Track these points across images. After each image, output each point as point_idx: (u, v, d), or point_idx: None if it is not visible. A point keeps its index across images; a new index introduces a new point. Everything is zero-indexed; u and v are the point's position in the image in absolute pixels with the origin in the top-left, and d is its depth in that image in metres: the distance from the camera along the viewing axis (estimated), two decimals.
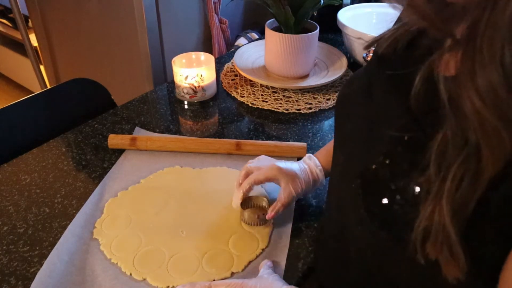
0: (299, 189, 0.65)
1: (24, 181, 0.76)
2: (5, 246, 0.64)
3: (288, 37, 0.98)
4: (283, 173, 0.64)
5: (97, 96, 1.02)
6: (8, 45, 2.29)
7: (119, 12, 1.31)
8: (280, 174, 0.64)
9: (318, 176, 0.68)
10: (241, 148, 0.82)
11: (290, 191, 0.64)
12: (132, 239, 0.65)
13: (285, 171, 0.65)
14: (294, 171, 0.66)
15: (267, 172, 0.65)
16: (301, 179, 0.65)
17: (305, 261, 0.63)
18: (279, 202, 0.64)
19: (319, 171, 0.68)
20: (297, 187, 0.64)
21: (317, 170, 0.68)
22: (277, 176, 0.64)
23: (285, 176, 0.65)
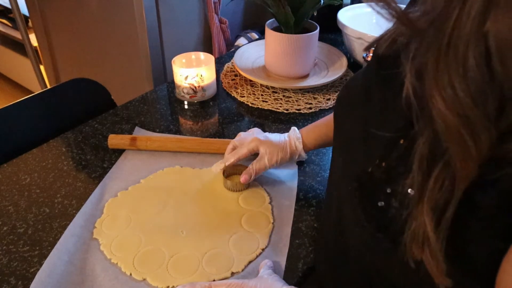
0: (273, 160, 0.72)
1: (24, 181, 0.76)
2: (5, 246, 0.64)
3: (288, 37, 0.98)
4: (262, 144, 0.72)
5: (97, 96, 1.02)
6: (8, 45, 2.29)
7: (119, 12, 1.31)
8: (260, 145, 0.72)
9: (296, 148, 0.74)
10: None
11: (264, 161, 0.72)
12: (132, 239, 0.65)
13: (264, 143, 0.73)
14: (273, 142, 0.73)
15: (249, 145, 0.73)
16: (278, 150, 0.72)
17: (305, 261, 0.63)
18: (252, 166, 0.72)
19: (298, 143, 0.73)
20: (271, 159, 0.72)
21: (296, 143, 0.73)
22: (258, 146, 0.72)
23: (263, 147, 0.72)
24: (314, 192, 0.75)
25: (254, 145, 0.73)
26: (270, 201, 0.72)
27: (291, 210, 0.71)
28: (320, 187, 0.76)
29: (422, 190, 0.35)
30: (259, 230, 0.66)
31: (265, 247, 0.64)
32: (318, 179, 0.78)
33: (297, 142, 0.73)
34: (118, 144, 0.83)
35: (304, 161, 0.81)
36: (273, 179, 0.77)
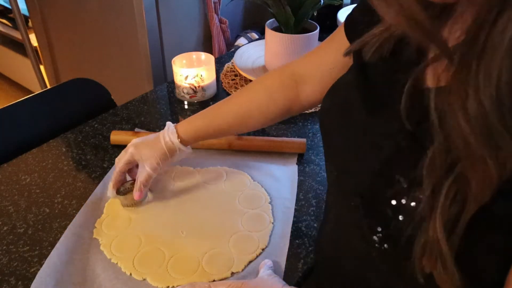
0: (154, 166, 0.66)
1: (24, 181, 0.76)
2: (5, 246, 0.64)
3: (288, 37, 0.98)
4: (137, 150, 0.66)
5: (97, 96, 1.02)
6: (8, 45, 2.29)
7: (119, 12, 1.31)
8: (135, 152, 0.66)
9: (173, 143, 0.66)
10: (242, 139, 0.82)
11: (145, 170, 0.66)
12: (132, 239, 0.65)
13: (139, 147, 0.67)
14: (149, 147, 0.66)
15: (125, 157, 0.67)
16: (156, 153, 0.66)
17: (305, 261, 0.63)
18: (138, 180, 0.66)
19: (173, 138, 0.66)
20: (152, 164, 0.65)
21: (171, 139, 0.66)
22: (134, 156, 0.66)
23: (139, 154, 0.66)
24: (314, 192, 0.75)
25: (129, 155, 0.66)
26: (270, 201, 0.72)
27: (291, 210, 0.71)
28: (320, 187, 0.76)
29: (433, 203, 0.34)
30: (259, 230, 0.66)
31: (265, 247, 0.64)
32: (318, 179, 0.78)
33: (171, 136, 0.66)
34: (120, 140, 0.83)
35: (304, 161, 0.81)
36: (273, 179, 0.77)
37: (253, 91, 0.67)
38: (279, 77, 0.66)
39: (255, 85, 0.68)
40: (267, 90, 0.66)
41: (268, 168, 0.79)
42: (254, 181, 0.76)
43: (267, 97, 0.66)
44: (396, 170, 0.38)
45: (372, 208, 0.41)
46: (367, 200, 0.42)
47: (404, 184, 0.37)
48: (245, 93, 0.68)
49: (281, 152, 0.83)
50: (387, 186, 0.39)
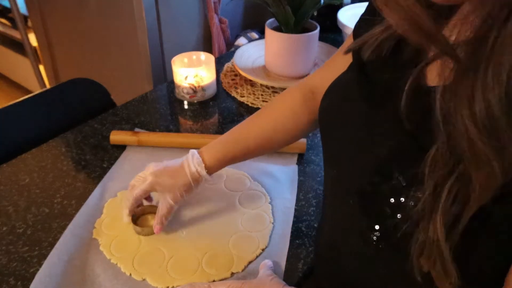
0: (177, 197, 0.61)
1: (24, 181, 0.76)
2: (5, 246, 0.64)
3: (288, 37, 0.98)
4: (158, 180, 0.61)
5: (97, 96, 1.02)
6: (7, 45, 2.29)
7: (119, 12, 1.31)
8: (155, 182, 0.61)
9: (199, 174, 0.61)
10: None
11: (167, 203, 0.61)
12: (132, 239, 0.64)
13: (160, 176, 0.61)
14: (171, 176, 0.61)
15: (144, 186, 0.62)
16: (179, 184, 0.61)
17: (305, 261, 0.62)
18: (160, 213, 0.62)
19: (200, 169, 0.61)
20: (175, 196, 0.61)
21: (198, 169, 0.61)
22: (154, 185, 0.61)
23: (161, 186, 0.61)
24: (314, 192, 0.75)
25: (149, 184, 0.61)
26: (270, 201, 0.72)
27: (291, 210, 0.71)
28: (320, 187, 0.76)
29: (433, 203, 0.33)
30: (259, 230, 0.66)
31: (265, 247, 0.64)
32: (318, 179, 0.77)
33: (198, 168, 0.61)
34: (120, 140, 0.83)
35: (304, 161, 0.81)
36: (273, 179, 0.77)
37: (275, 109, 0.65)
38: (299, 93, 0.64)
39: (276, 104, 0.66)
40: (290, 107, 0.64)
41: (268, 168, 0.79)
42: (254, 181, 0.76)
43: (291, 113, 0.64)
44: (395, 168, 0.38)
45: (370, 206, 0.41)
46: (365, 198, 0.42)
47: (403, 182, 0.37)
48: (268, 112, 0.65)
49: (281, 152, 0.83)
50: (385, 185, 0.39)
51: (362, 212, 0.42)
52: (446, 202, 0.33)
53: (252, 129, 0.64)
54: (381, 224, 0.40)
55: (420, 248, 0.36)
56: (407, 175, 0.37)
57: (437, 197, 0.33)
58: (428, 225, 0.34)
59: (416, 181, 0.35)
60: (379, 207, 0.39)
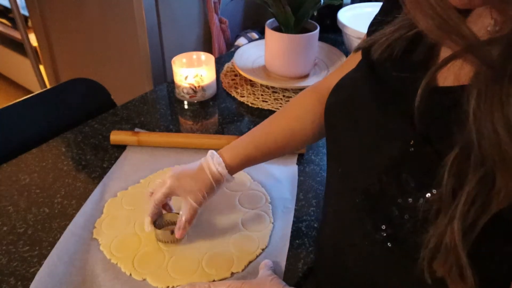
0: (200, 199, 0.60)
1: (24, 181, 0.76)
2: (5, 246, 0.64)
3: (288, 37, 0.98)
4: (178, 183, 0.60)
5: (97, 96, 1.02)
6: (8, 45, 2.29)
7: (119, 12, 1.31)
8: (176, 185, 0.60)
9: (221, 174, 0.60)
10: None
11: (190, 205, 0.59)
12: (132, 239, 0.64)
13: (180, 179, 0.60)
14: (192, 178, 0.60)
15: (164, 190, 0.60)
16: (201, 186, 0.60)
17: (305, 261, 0.62)
18: (183, 218, 0.60)
19: (221, 169, 0.60)
20: (197, 198, 0.59)
21: (218, 169, 0.60)
22: (175, 190, 0.60)
23: (181, 188, 0.60)
24: (314, 192, 0.75)
25: (169, 187, 0.60)
26: (270, 201, 0.72)
27: (291, 210, 0.71)
28: (320, 187, 0.76)
29: (452, 207, 0.33)
30: (259, 230, 0.66)
31: (265, 247, 0.64)
32: (318, 179, 0.78)
33: (219, 168, 0.60)
34: (120, 140, 0.83)
35: (304, 161, 0.81)
36: (273, 179, 0.77)
37: (293, 112, 0.65)
38: (314, 95, 0.64)
39: (293, 106, 0.66)
40: (307, 110, 0.64)
41: (268, 168, 0.79)
42: (254, 181, 0.76)
43: (308, 116, 0.63)
44: (403, 168, 0.38)
45: (377, 206, 0.41)
46: (372, 198, 0.41)
47: (411, 183, 0.37)
48: (286, 115, 0.65)
49: None
50: (393, 185, 0.38)
51: (368, 212, 0.42)
52: (464, 206, 0.32)
53: (271, 131, 0.64)
54: (387, 224, 0.39)
55: (432, 253, 0.35)
56: (416, 176, 0.37)
57: (456, 201, 0.33)
58: (445, 229, 0.34)
59: (426, 182, 0.35)
60: (386, 207, 0.39)
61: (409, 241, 0.37)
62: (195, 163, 0.62)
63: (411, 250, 0.37)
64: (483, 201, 0.32)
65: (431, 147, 0.36)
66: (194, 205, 0.59)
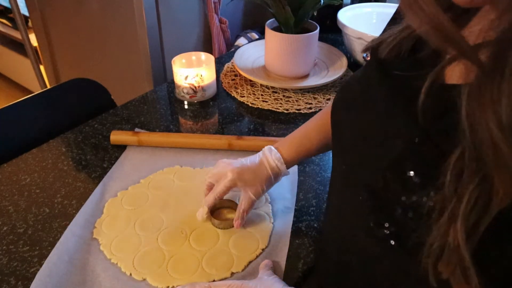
0: (259, 192, 0.64)
1: (24, 181, 0.76)
2: (5, 246, 0.64)
3: (288, 37, 0.98)
4: (239, 176, 0.63)
5: (97, 96, 1.02)
6: (8, 45, 2.29)
7: (119, 12, 1.31)
8: (237, 179, 0.63)
9: (279, 168, 0.64)
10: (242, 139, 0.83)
11: (249, 197, 0.63)
12: (132, 239, 0.64)
13: (241, 173, 0.63)
14: (252, 172, 0.64)
15: (225, 181, 0.63)
16: (260, 179, 0.63)
17: (305, 261, 0.63)
18: (241, 208, 0.64)
19: (280, 164, 0.64)
20: (257, 190, 0.63)
21: (277, 164, 0.64)
22: (236, 181, 0.63)
23: (242, 181, 0.63)
24: (314, 192, 0.75)
25: (231, 181, 0.63)
26: (270, 201, 0.72)
27: (291, 210, 0.71)
28: (320, 187, 0.76)
29: (455, 207, 0.33)
30: (259, 230, 0.66)
31: (265, 247, 0.64)
32: (318, 179, 0.78)
33: (278, 163, 0.64)
34: (120, 140, 0.83)
35: (304, 161, 0.81)
36: None
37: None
38: None
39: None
40: None
41: None
42: None
43: None
44: (408, 166, 0.38)
45: (381, 203, 0.41)
46: (375, 195, 0.41)
47: (415, 181, 0.37)
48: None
49: None
50: (397, 182, 0.38)
51: (372, 209, 0.42)
52: (467, 206, 0.32)
53: (324, 124, 0.66)
54: (391, 222, 0.39)
55: (436, 254, 0.35)
56: (421, 174, 0.37)
57: (458, 202, 0.33)
58: (448, 230, 0.33)
59: (430, 181, 0.35)
60: (389, 204, 0.39)
61: (412, 239, 0.37)
62: (253, 157, 0.66)
63: (414, 248, 0.37)
64: (485, 201, 0.32)
65: (436, 145, 0.36)
66: (253, 198, 0.64)
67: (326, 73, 1.08)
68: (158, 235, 0.65)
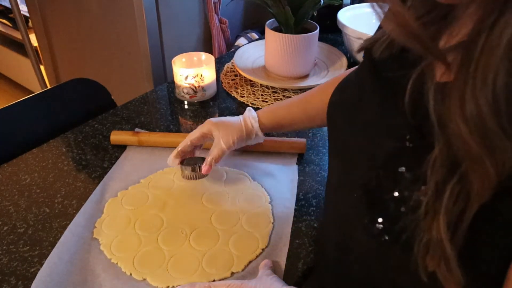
0: (230, 143, 0.69)
1: (24, 181, 0.76)
2: (5, 246, 0.64)
3: (288, 37, 0.98)
4: (215, 126, 0.68)
5: (97, 96, 1.02)
6: (8, 45, 2.29)
7: (119, 12, 1.31)
8: (213, 128, 0.68)
9: (252, 126, 0.70)
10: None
11: (220, 145, 0.68)
12: (132, 239, 0.65)
13: (218, 124, 0.69)
14: (227, 125, 0.69)
15: (201, 128, 0.69)
16: (233, 132, 0.69)
17: (305, 261, 0.63)
18: (211, 155, 0.69)
19: (254, 122, 0.70)
20: (227, 141, 0.68)
21: (251, 121, 0.70)
22: (211, 130, 0.68)
23: (217, 130, 0.68)
24: (314, 192, 0.75)
25: (207, 128, 0.69)
26: (270, 201, 0.72)
27: (291, 210, 0.71)
28: (320, 187, 0.76)
29: (436, 202, 0.34)
30: (259, 230, 0.66)
31: (265, 247, 0.64)
32: (318, 179, 0.78)
33: (252, 120, 0.70)
34: (120, 140, 0.83)
35: (304, 161, 0.81)
36: (273, 179, 0.77)
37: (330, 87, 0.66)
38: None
39: (333, 82, 0.68)
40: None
41: (268, 168, 0.79)
42: (254, 181, 0.76)
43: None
44: (400, 163, 0.39)
45: (374, 200, 0.42)
46: (369, 192, 0.42)
47: (407, 176, 0.38)
48: (324, 88, 0.70)
49: (281, 152, 0.83)
50: (390, 179, 0.39)
51: (366, 206, 0.43)
52: (449, 202, 0.33)
53: (307, 101, 0.71)
54: (384, 217, 0.40)
55: (425, 248, 0.36)
56: (412, 170, 0.37)
57: (439, 197, 0.34)
58: (432, 225, 0.34)
59: (421, 176, 0.36)
60: (382, 200, 0.40)
61: (405, 234, 0.38)
62: (234, 117, 0.72)
63: (407, 243, 0.38)
64: (466, 197, 0.33)
65: (426, 141, 0.36)
66: (223, 147, 0.68)
67: (326, 73, 1.08)
68: (158, 235, 0.65)
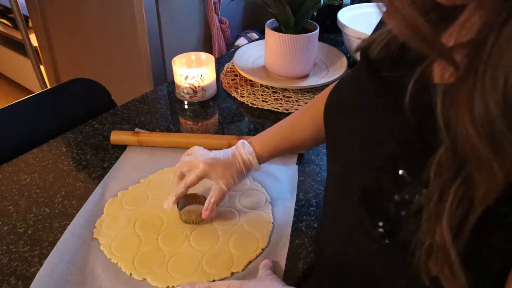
0: (230, 183, 0.64)
1: (24, 181, 0.76)
2: (5, 246, 0.64)
3: (288, 37, 0.98)
4: (212, 167, 0.64)
5: (97, 96, 1.02)
6: (8, 45, 2.29)
7: (119, 12, 1.31)
8: (209, 169, 0.64)
9: (251, 162, 0.66)
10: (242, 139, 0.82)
11: (220, 188, 0.64)
12: (132, 239, 0.65)
13: (213, 165, 0.64)
14: (224, 164, 0.65)
15: (197, 171, 0.64)
16: (232, 171, 0.65)
17: (305, 261, 0.63)
18: (212, 199, 0.64)
19: (251, 158, 0.66)
20: (228, 182, 0.64)
21: (249, 157, 0.66)
22: (208, 172, 0.64)
23: (214, 171, 0.64)
24: (314, 192, 0.75)
25: (202, 171, 0.64)
26: (270, 201, 0.72)
27: (291, 210, 0.71)
28: (320, 187, 0.76)
29: (439, 206, 0.33)
30: (259, 230, 0.66)
31: (265, 247, 0.64)
32: (318, 179, 0.78)
33: (250, 157, 0.66)
34: (120, 140, 0.83)
35: (304, 161, 0.81)
36: (273, 179, 0.77)
37: (319, 105, 0.65)
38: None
39: (320, 100, 0.66)
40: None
41: (268, 168, 0.79)
42: (254, 181, 0.76)
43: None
44: (400, 164, 0.38)
45: (375, 202, 0.41)
46: (369, 194, 0.42)
47: (408, 180, 0.37)
48: (313, 107, 0.68)
49: None
50: (390, 181, 0.39)
51: (366, 209, 0.42)
52: (452, 205, 0.33)
53: (298, 123, 0.69)
54: (384, 220, 0.40)
55: (427, 252, 0.35)
56: (412, 173, 0.37)
57: (443, 200, 0.33)
58: (435, 228, 0.34)
59: (422, 179, 0.35)
60: (383, 203, 0.39)
61: (406, 238, 0.38)
62: (227, 150, 0.67)
63: (407, 247, 0.37)
64: (469, 200, 0.32)
65: (426, 143, 0.36)
66: (224, 189, 0.64)
67: (326, 73, 1.08)
68: (158, 235, 0.65)
